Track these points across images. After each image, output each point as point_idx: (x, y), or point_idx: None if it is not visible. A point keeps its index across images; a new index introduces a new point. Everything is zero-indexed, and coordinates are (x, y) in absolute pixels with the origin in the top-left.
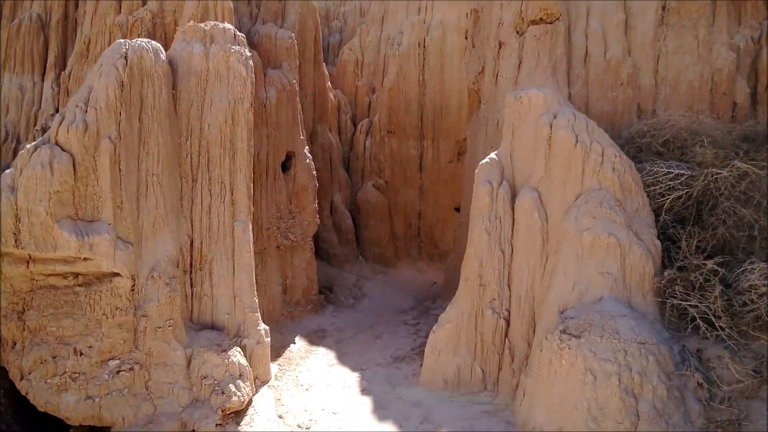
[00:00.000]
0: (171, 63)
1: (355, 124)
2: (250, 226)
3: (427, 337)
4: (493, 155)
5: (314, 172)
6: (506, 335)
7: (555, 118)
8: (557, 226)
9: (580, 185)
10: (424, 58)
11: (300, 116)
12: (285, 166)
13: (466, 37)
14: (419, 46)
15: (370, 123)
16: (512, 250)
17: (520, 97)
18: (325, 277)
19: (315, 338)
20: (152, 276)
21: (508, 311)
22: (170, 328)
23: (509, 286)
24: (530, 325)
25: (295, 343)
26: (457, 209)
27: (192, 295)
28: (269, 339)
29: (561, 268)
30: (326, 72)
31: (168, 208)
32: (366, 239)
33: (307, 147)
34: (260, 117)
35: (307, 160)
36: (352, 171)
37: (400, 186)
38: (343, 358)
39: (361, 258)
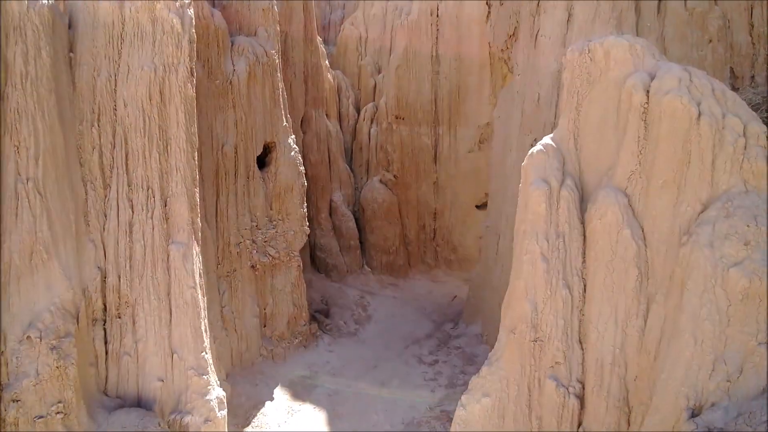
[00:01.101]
0: (70, 15)
1: (358, 110)
2: (196, 249)
3: (449, 385)
4: (547, 140)
5: (302, 168)
6: (580, 423)
7: (653, 78)
8: (667, 252)
9: (708, 185)
10: (437, 29)
11: (283, 98)
12: (263, 162)
13: (487, 2)
14: (431, 14)
15: (375, 108)
16: (585, 287)
17: (589, 51)
18: (321, 295)
19: (301, 389)
20: (28, 338)
21: (582, 384)
22: (60, 415)
23: (582, 344)
24: (621, 412)
25: (272, 398)
26: (480, 207)
27: (106, 355)
28: (225, 412)
29: (685, 327)
30: (322, 48)
31: (57, 230)
32: (372, 245)
33: (292, 137)
34: (225, 97)
35: (292, 153)
36: (355, 164)
37: (411, 181)
38: (335, 424)
39: (366, 268)
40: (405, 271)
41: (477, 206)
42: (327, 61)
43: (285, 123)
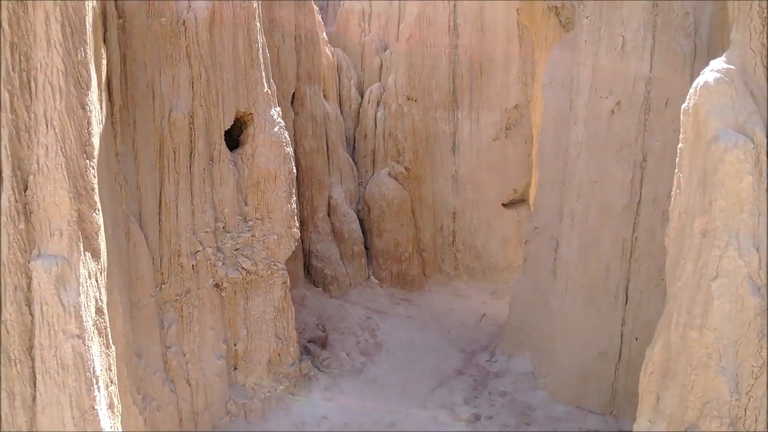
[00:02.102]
0: None
1: (361, 94)
2: (88, 266)
3: None
4: (721, 64)
5: (289, 151)
6: None
7: None
8: None
9: None
10: None
11: (264, 57)
12: (235, 140)
13: None
14: None
15: (382, 88)
16: None
17: None
18: (316, 316)
19: None
20: None
21: None
22: None
23: None
24: None
25: None
26: (508, 205)
27: None
28: None
29: None
30: (318, 18)
31: None
32: (379, 251)
33: (276, 109)
34: (174, 43)
35: (276, 129)
36: (359, 155)
37: (426, 174)
38: None
39: (372, 279)
40: (420, 282)
41: (504, 204)
42: (324, 33)
43: (267, 89)
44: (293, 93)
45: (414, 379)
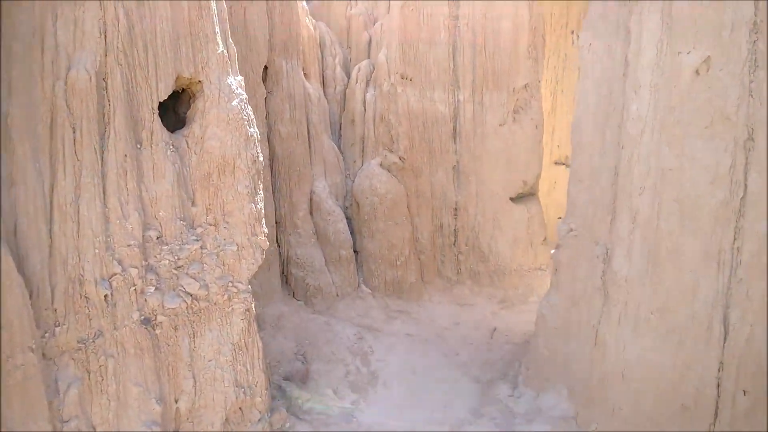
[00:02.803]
0: None
1: (348, 74)
2: None
3: None
4: None
5: (253, 131)
6: None
7: None
8: None
9: None
10: None
11: (219, 11)
12: (181, 118)
13: None
14: None
15: (371, 65)
16: None
17: None
18: (296, 340)
19: None
20: None
21: None
22: None
23: None
24: None
25: None
26: (516, 199)
27: None
28: None
29: None
30: None
31: None
32: (371, 255)
33: (238, 79)
34: None
35: (234, 103)
36: (346, 143)
37: (423, 165)
38: None
39: (363, 288)
40: (418, 290)
41: (512, 199)
42: (305, 2)
43: (222, 50)
44: (265, 67)
45: (420, 423)
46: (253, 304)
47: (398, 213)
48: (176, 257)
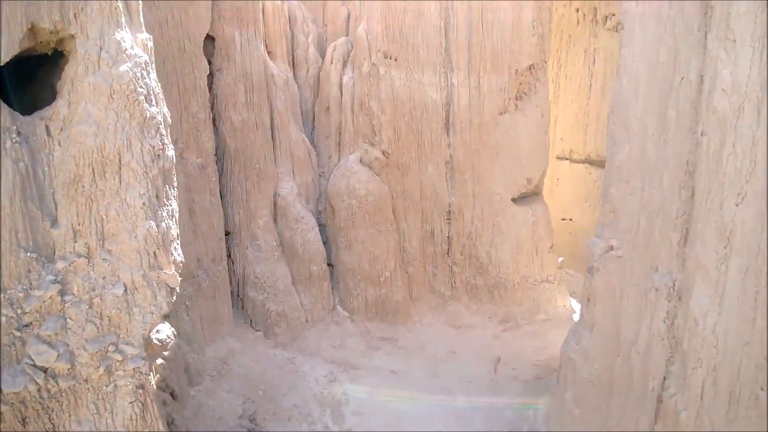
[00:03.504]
0: None
1: (323, 55)
2: None
3: None
4: None
5: (156, 112)
6: None
7: None
8: None
9: None
10: None
11: None
12: (34, 90)
13: None
14: None
15: (349, 43)
16: None
17: None
18: (247, 389)
19: None
20: None
21: None
22: None
23: None
24: None
25: None
26: (518, 200)
27: None
28: None
29: None
30: None
31: None
32: (349, 270)
33: (141, 36)
34: None
35: (125, 67)
36: (320, 135)
37: (410, 160)
38: None
39: (340, 311)
40: (405, 311)
41: (513, 199)
42: None
43: None
44: (212, 38)
45: None
46: (153, 377)
47: (381, 218)
48: (18, 311)
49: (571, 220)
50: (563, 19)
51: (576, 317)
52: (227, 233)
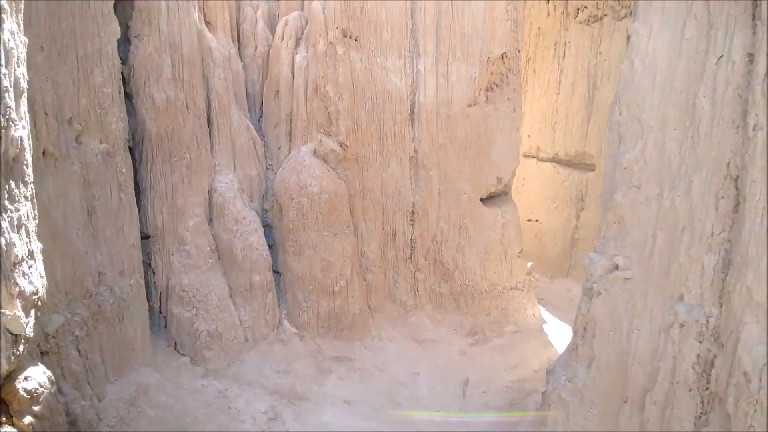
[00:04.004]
0: None
1: (273, 31)
2: None
3: None
4: None
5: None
6: None
7: None
8: None
9: None
10: None
11: None
12: None
13: None
14: None
15: (303, 19)
16: None
17: None
18: None
19: None
20: None
21: None
22: None
23: None
24: None
25: None
26: (487, 199)
27: None
28: None
29: None
30: None
31: None
32: (299, 279)
33: None
34: None
35: None
36: (268, 123)
37: (371, 154)
38: None
39: (287, 327)
40: (363, 324)
41: (482, 199)
42: None
43: None
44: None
45: None
46: None
47: (337, 219)
48: None
49: (537, 221)
50: (533, 10)
51: (546, 327)
52: (145, 237)
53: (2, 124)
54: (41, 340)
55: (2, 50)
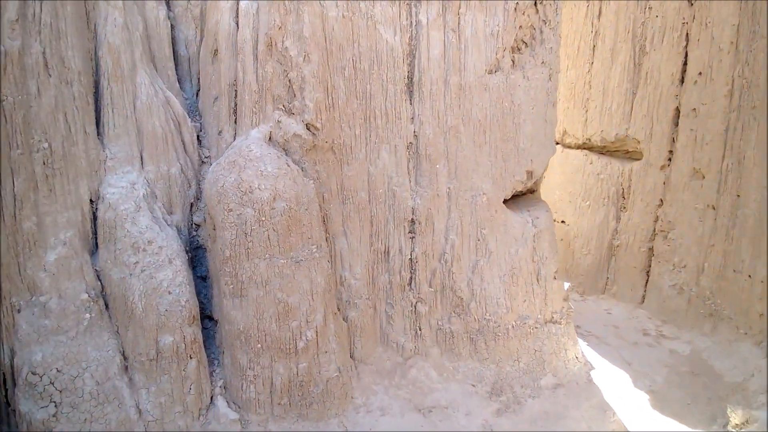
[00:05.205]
0: None
1: None
2: None
3: None
4: None
5: None
6: None
7: None
8: None
9: None
10: None
11: None
12: None
13: None
14: None
15: None
16: None
17: None
18: None
19: None
20: None
21: None
22: None
23: None
24: None
25: None
26: (511, 200)
27: None
28: None
29: None
30: None
31: None
32: (240, 333)
33: None
34: None
35: None
36: (206, 96)
37: (353, 140)
38: None
39: (222, 408)
40: (342, 391)
41: (506, 200)
42: None
43: None
44: None
45: None
46: None
47: (301, 238)
48: None
49: (563, 222)
50: None
51: (595, 376)
52: None
53: None
54: None
55: None
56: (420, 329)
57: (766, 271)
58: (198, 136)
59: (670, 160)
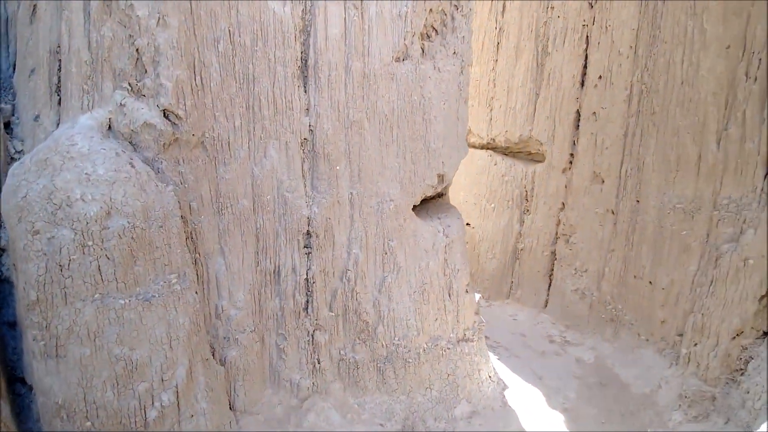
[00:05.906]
0: None
1: None
2: None
3: None
4: None
5: None
6: None
7: None
8: None
9: None
10: None
11: None
12: None
13: None
14: None
15: None
16: None
17: None
18: None
19: None
20: None
21: None
22: None
23: None
24: None
25: None
26: (419, 206)
27: None
28: None
29: None
30: None
31: None
32: (61, 410)
33: None
34: None
35: None
36: (22, 69)
37: (231, 134)
38: None
39: None
40: None
41: (415, 207)
42: None
43: None
44: None
45: None
46: None
47: (153, 265)
48: None
49: (468, 225)
50: None
51: (510, 397)
52: None
53: None
54: None
55: None
56: (319, 362)
57: (667, 278)
58: (8, 123)
59: (571, 163)
